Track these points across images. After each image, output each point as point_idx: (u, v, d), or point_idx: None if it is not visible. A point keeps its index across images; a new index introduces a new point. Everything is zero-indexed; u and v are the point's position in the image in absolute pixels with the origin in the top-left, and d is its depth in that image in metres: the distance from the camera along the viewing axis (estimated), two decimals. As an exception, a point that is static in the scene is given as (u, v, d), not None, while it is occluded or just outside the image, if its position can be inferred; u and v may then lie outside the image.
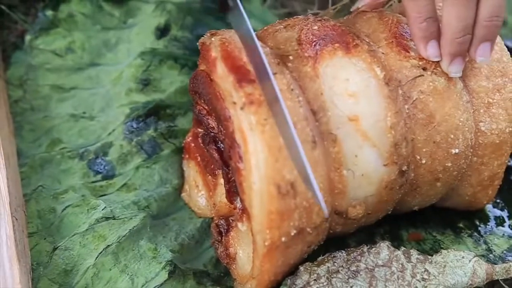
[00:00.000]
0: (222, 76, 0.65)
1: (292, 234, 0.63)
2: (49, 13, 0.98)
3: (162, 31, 0.98)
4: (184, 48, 0.97)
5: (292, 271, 0.69)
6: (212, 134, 0.72)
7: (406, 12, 0.70)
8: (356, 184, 0.67)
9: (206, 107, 0.73)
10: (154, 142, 0.86)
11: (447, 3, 0.67)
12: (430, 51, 0.70)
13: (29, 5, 1.02)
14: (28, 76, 0.94)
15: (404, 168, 0.69)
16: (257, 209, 0.62)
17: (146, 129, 0.87)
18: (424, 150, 0.70)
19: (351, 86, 0.66)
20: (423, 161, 0.70)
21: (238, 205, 0.70)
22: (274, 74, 0.64)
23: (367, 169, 0.66)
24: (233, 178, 0.68)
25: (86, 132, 0.88)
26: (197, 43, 0.71)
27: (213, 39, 0.68)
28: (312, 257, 0.71)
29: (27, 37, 0.96)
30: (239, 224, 0.71)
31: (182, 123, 0.89)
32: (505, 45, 0.78)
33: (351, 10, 0.79)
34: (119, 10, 1.03)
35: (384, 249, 0.71)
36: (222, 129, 0.67)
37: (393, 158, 0.67)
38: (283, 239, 0.63)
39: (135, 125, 0.87)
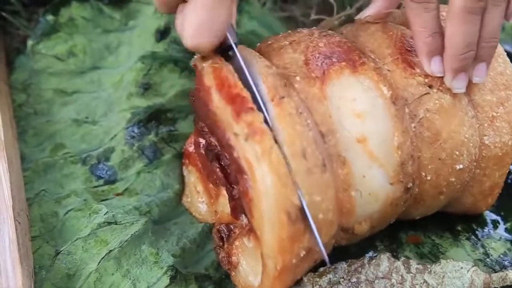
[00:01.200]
0: (219, 107, 0.64)
1: (302, 255, 0.63)
2: (50, 17, 0.98)
3: (162, 34, 0.98)
4: (184, 51, 0.97)
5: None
6: (216, 151, 0.72)
7: (411, 26, 0.69)
8: (363, 202, 0.67)
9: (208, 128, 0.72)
10: (155, 147, 0.86)
11: (451, 18, 0.66)
12: (433, 67, 0.69)
13: (31, 11, 1.03)
14: (31, 80, 0.94)
15: (410, 185, 0.69)
16: (268, 236, 0.61)
17: (147, 134, 0.87)
18: (429, 167, 0.70)
19: (358, 106, 0.66)
20: (428, 177, 0.70)
21: (244, 221, 0.71)
22: (282, 98, 0.64)
23: (373, 188, 0.67)
24: (237, 196, 0.68)
25: (88, 137, 0.88)
26: (191, 64, 0.71)
27: (204, 64, 0.67)
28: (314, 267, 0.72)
29: (29, 42, 0.97)
30: (245, 240, 0.71)
31: (183, 127, 0.89)
32: (504, 49, 0.78)
33: (355, 18, 0.78)
34: (119, 12, 1.03)
35: (384, 260, 0.71)
36: (226, 154, 0.67)
37: (399, 176, 0.67)
38: (293, 261, 0.63)
39: (136, 130, 0.87)
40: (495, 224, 0.84)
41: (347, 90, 0.66)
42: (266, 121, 0.62)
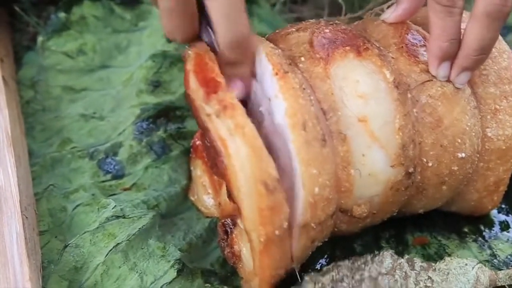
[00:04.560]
0: (194, 90, 0.65)
1: (285, 226, 0.63)
2: (62, 15, 0.99)
3: (172, 34, 0.99)
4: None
5: (296, 277, 0.70)
6: None
7: (430, 27, 0.69)
8: (362, 183, 0.67)
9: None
10: (163, 143, 0.87)
11: (473, 20, 0.67)
12: (441, 71, 0.69)
13: (41, 8, 1.03)
14: (39, 77, 0.95)
15: (411, 170, 0.69)
16: (248, 209, 0.62)
17: (156, 130, 0.88)
18: (431, 153, 0.70)
19: (361, 88, 0.67)
20: (430, 164, 0.71)
21: None
22: (286, 72, 0.65)
23: (374, 169, 0.67)
24: None
25: (96, 132, 0.89)
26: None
27: (189, 51, 0.68)
28: (316, 261, 0.72)
29: (39, 39, 0.98)
30: (239, 222, 0.71)
31: (191, 125, 0.89)
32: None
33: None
34: (130, 13, 1.04)
35: (387, 257, 0.71)
36: (207, 139, 0.67)
37: (400, 159, 0.68)
38: (277, 232, 0.63)
39: (145, 126, 0.88)
40: (503, 225, 0.84)
41: (350, 72, 0.67)
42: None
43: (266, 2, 1.09)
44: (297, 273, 0.68)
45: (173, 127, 0.89)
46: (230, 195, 0.70)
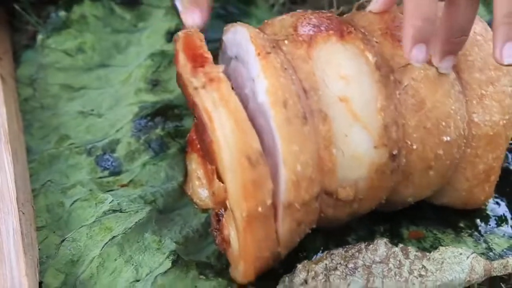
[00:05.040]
0: (183, 65, 0.67)
1: (268, 203, 0.64)
2: (62, 13, 1.00)
3: (172, 35, 0.99)
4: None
5: (289, 268, 0.70)
6: None
7: (404, 6, 0.64)
8: (346, 164, 0.67)
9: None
10: (161, 140, 0.87)
11: (449, 2, 0.65)
12: (415, 52, 0.64)
13: (40, 8, 1.04)
14: (38, 75, 0.95)
15: (395, 152, 0.69)
16: (231, 182, 0.63)
17: (154, 128, 0.88)
18: (414, 135, 0.70)
19: (343, 69, 0.68)
20: (414, 147, 0.70)
21: None
22: (268, 53, 0.66)
23: (357, 149, 0.67)
24: None
25: (93, 128, 0.89)
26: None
27: (179, 33, 0.71)
28: (310, 256, 0.73)
29: (39, 37, 0.98)
30: (227, 202, 0.71)
31: (189, 124, 0.89)
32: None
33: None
34: (130, 13, 1.04)
35: (381, 246, 0.71)
36: (195, 117, 0.69)
37: (383, 140, 0.68)
38: (259, 209, 0.63)
39: (143, 123, 0.88)
40: (499, 220, 0.84)
41: (332, 55, 0.68)
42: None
43: (265, 3, 1.09)
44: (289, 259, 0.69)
45: (171, 125, 0.89)
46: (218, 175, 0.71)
